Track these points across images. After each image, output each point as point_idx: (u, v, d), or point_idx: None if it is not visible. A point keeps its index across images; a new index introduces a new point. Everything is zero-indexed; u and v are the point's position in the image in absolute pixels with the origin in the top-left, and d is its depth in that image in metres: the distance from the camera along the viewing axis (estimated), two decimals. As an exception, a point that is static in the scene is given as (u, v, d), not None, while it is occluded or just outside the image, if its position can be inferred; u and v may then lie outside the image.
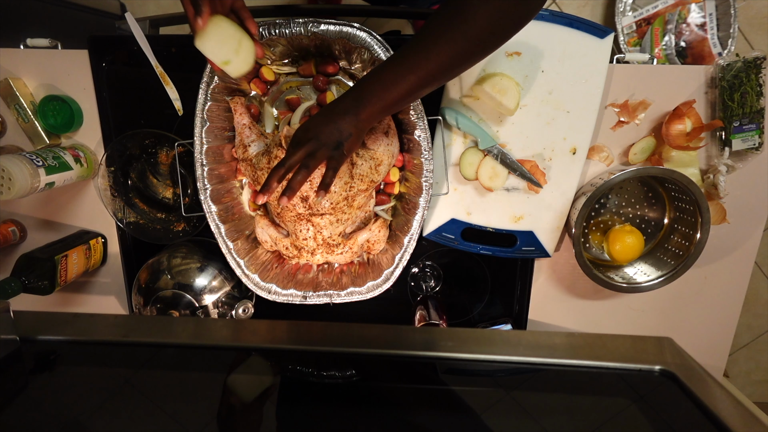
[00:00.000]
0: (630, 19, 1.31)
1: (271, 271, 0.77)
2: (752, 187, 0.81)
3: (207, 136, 0.71)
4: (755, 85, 0.73)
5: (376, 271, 0.75)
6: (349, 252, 0.75)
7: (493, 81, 0.70)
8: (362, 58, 0.70)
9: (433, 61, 0.50)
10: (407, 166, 0.75)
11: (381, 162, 0.69)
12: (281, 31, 0.67)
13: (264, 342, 0.56)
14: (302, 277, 0.77)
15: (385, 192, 0.77)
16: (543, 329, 0.89)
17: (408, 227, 0.73)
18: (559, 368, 0.52)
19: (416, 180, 0.72)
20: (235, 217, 0.77)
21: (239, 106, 0.73)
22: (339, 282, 0.76)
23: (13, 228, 0.84)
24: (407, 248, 0.73)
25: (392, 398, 0.55)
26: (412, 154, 0.72)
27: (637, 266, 0.81)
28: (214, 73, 0.69)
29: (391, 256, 0.74)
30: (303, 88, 0.76)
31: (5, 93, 0.78)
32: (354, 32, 0.66)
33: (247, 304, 0.79)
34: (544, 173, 0.75)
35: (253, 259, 0.77)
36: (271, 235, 0.76)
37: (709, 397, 0.46)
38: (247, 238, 0.78)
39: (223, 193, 0.75)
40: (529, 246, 0.79)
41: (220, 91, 0.71)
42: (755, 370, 1.78)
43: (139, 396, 0.53)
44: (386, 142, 0.70)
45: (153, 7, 1.52)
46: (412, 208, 0.73)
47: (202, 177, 0.72)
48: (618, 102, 0.78)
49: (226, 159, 0.76)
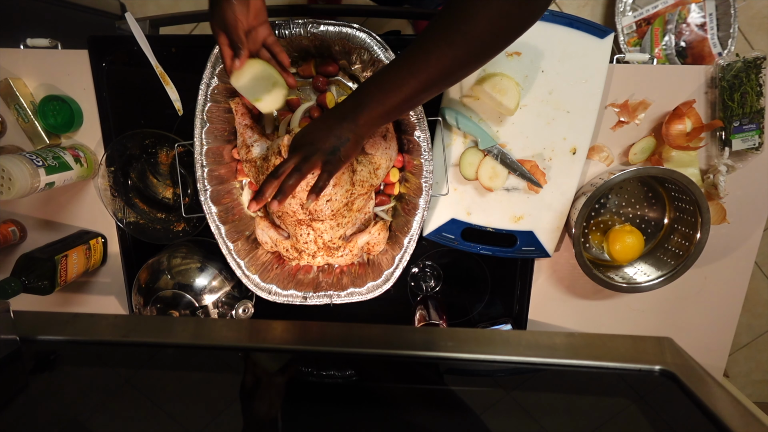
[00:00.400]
0: (630, 19, 1.31)
1: (271, 272, 0.77)
2: (752, 187, 0.81)
3: (207, 137, 0.71)
4: (755, 85, 0.73)
5: (376, 271, 0.75)
6: (349, 254, 0.75)
7: (493, 81, 0.70)
8: (362, 58, 0.70)
9: (434, 66, 0.49)
10: (407, 166, 0.75)
11: (379, 166, 0.70)
12: (281, 32, 0.67)
13: (264, 342, 0.56)
14: (302, 278, 0.77)
15: (385, 193, 0.77)
16: (543, 329, 0.89)
17: (408, 228, 0.73)
18: (559, 368, 0.52)
19: (416, 181, 0.72)
20: (236, 218, 0.77)
21: (240, 107, 0.73)
22: (339, 282, 0.76)
23: (13, 228, 0.84)
24: (407, 249, 0.73)
25: (392, 398, 0.55)
26: (411, 154, 0.72)
27: (638, 266, 0.81)
28: (214, 74, 0.69)
29: (391, 257, 0.75)
30: (303, 88, 0.76)
31: (5, 93, 0.78)
32: (353, 33, 0.66)
33: (247, 304, 0.79)
34: (544, 173, 0.75)
35: (254, 260, 0.77)
36: (271, 236, 0.76)
37: (709, 397, 0.46)
38: (248, 239, 0.78)
39: (224, 194, 0.75)
40: (529, 246, 0.79)
41: (220, 92, 0.71)
42: (755, 370, 1.78)
43: (139, 396, 0.53)
44: (384, 145, 0.70)
45: (153, 7, 1.52)
46: (412, 208, 0.73)
47: (202, 178, 0.72)
48: (618, 102, 0.78)
49: (226, 160, 0.76)
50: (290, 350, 0.55)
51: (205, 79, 0.70)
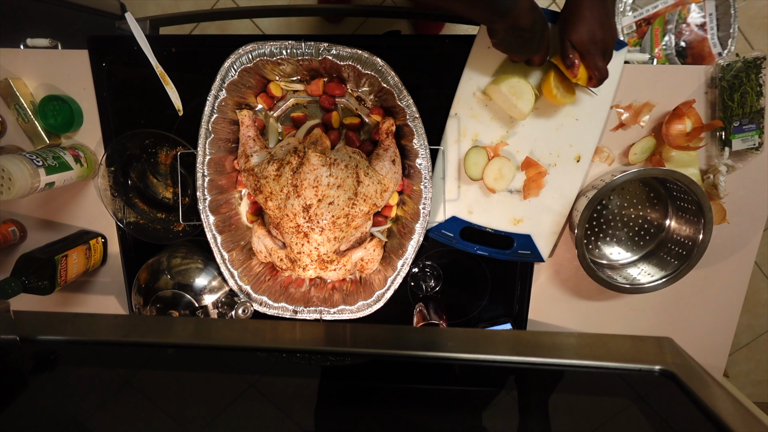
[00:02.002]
0: (630, 19, 1.31)
1: (263, 284, 0.78)
2: (752, 187, 0.81)
3: (210, 148, 0.72)
4: (755, 85, 0.73)
5: (368, 290, 0.76)
6: (342, 269, 0.75)
7: (510, 83, 0.69)
8: (370, 82, 0.71)
9: None
10: (406, 191, 0.76)
11: (387, 188, 0.71)
12: (292, 51, 0.68)
13: (264, 342, 0.56)
14: (294, 291, 0.78)
15: (382, 214, 0.78)
16: (543, 329, 0.89)
17: (402, 251, 0.74)
18: (559, 368, 0.52)
19: (414, 206, 0.73)
20: (232, 227, 0.77)
21: (247, 118, 0.74)
22: (330, 299, 0.77)
23: (13, 228, 0.84)
24: (400, 272, 0.74)
25: (392, 398, 0.55)
26: (412, 180, 0.73)
27: (641, 266, 0.81)
28: (222, 86, 0.70)
29: (383, 278, 0.75)
30: (309, 105, 0.76)
31: (5, 93, 0.78)
32: (366, 57, 0.67)
33: (247, 304, 0.79)
34: (543, 185, 0.76)
35: (247, 271, 0.77)
36: (266, 245, 0.76)
37: (709, 397, 0.46)
38: (242, 249, 0.78)
39: (222, 203, 0.76)
40: (524, 249, 0.79)
41: (227, 104, 0.72)
42: (755, 370, 1.78)
43: (139, 396, 0.53)
44: (393, 170, 0.71)
45: (153, 7, 1.52)
46: (407, 232, 0.74)
47: (203, 187, 0.72)
48: (622, 104, 0.77)
49: (228, 170, 0.76)
50: (290, 350, 0.55)
51: (213, 90, 0.70)
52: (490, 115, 0.75)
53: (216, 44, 0.78)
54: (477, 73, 0.73)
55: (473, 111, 0.74)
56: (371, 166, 0.70)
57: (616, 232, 0.83)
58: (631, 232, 0.83)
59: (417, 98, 0.69)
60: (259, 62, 0.69)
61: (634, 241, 0.83)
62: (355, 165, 0.69)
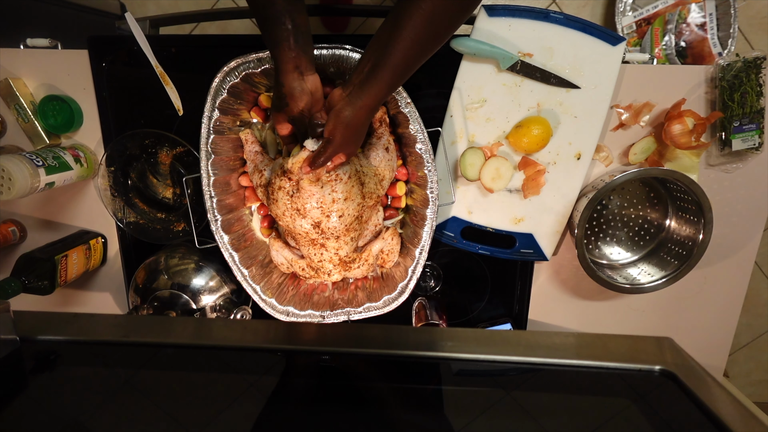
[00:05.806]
0: (630, 19, 1.31)
1: (287, 294, 0.77)
2: (752, 187, 0.81)
3: (213, 168, 0.72)
4: (755, 85, 0.73)
5: (390, 284, 0.75)
6: (365, 264, 0.74)
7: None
8: None
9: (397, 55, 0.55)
10: (412, 178, 0.75)
11: (384, 177, 0.70)
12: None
13: (264, 342, 0.56)
14: (318, 298, 0.77)
15: (393, 206, 0.78)
16: (543, 329, 0.89)
17: (418, 239, 0.73)
18: (559, 368, 0.52)
19: (422, 192, 0.72)
20: (248, 244, 0.77)
21: (249, 136, 0.74)
22: (355, 299, 0.76)
23: (13, 228, 0.84)
24: (419, 260, 0.73)
25: (392, 398, 0.55)
26: (415, 167, 0.73)
27: (641, 266, 0.81)
28: (215, 107, 0.70)
29: (404, 269, 0.75)
30: None
31: (5, 93, 0.78)
32: (347, 54, 0.67)
33: (246, 310, 0.79)
34: (543, 183, 0.75)
35: (269, 284, 0.77)
36: (286, 257, 0.75)
37: (709, 397, 0.46)
38: (261, 264, 0.78)
39: (234, 222, 0.76)
40: (527, 248, 0.79)
41: (222, 123, 0.72)
42: (755, 370, 1.78)
43: (139, 396, 0.53)
44: (387, 157, 0.71)
45: (153, 7, 1.52)
46: (420, 220, 0.73)
47: (212, 208, 0.72)
48: (622, 104, 0.77)
49: (233, 188, 0.76)
50: (290, 350, 0.55)
51: (206, 112, 0.70)
52: (486, 117, 0.75)
53: (216, 44, 0.78)
54: (470, 75, 0.73)
55: (469, 113, 0.74)
56: (366, 160, 0.70)
57: (616, 232, 0.83)
58: (631, 232, 0.83)
59: (416, 98, 0.69)
60: (246, 75, 0.69)
61: (634, 241, 0.83)
62: (355, 171, 0.67)
